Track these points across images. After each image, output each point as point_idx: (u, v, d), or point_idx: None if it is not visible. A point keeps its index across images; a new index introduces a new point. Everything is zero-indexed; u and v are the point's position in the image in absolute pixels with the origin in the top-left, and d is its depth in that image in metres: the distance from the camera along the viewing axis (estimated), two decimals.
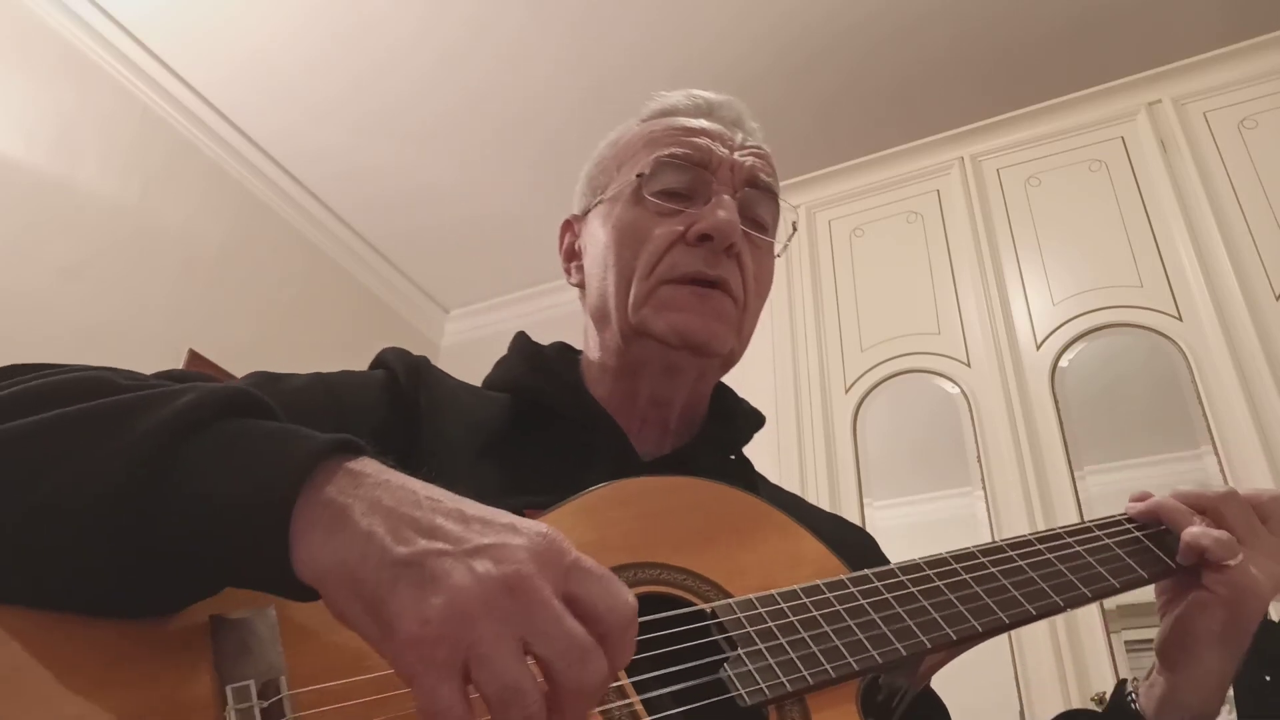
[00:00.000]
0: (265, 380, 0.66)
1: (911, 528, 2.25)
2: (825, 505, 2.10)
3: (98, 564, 0.41)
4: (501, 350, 0.85)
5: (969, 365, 2.20)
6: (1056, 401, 2.06)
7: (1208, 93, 2.25)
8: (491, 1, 2.62)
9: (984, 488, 2.03)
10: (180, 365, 2.73)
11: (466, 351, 3.63)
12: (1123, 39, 2.66)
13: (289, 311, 3.18)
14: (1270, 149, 2.11)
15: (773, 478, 0.89)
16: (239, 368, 2.75)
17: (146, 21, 2.72)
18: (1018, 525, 1.93)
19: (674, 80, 3.02)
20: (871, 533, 0.86)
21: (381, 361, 0.76)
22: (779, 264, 2.73)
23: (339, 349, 3.30)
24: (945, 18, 2.65)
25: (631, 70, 2.80)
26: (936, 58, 2.77)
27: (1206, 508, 0.71)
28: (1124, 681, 0.72)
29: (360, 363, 0.83)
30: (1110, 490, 2.01)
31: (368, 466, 0.43)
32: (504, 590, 0.38)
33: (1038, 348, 2.14)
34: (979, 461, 2.07)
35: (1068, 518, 1.91)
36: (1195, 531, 0.67)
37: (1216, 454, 1.85)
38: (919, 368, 2.27)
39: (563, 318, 3.62)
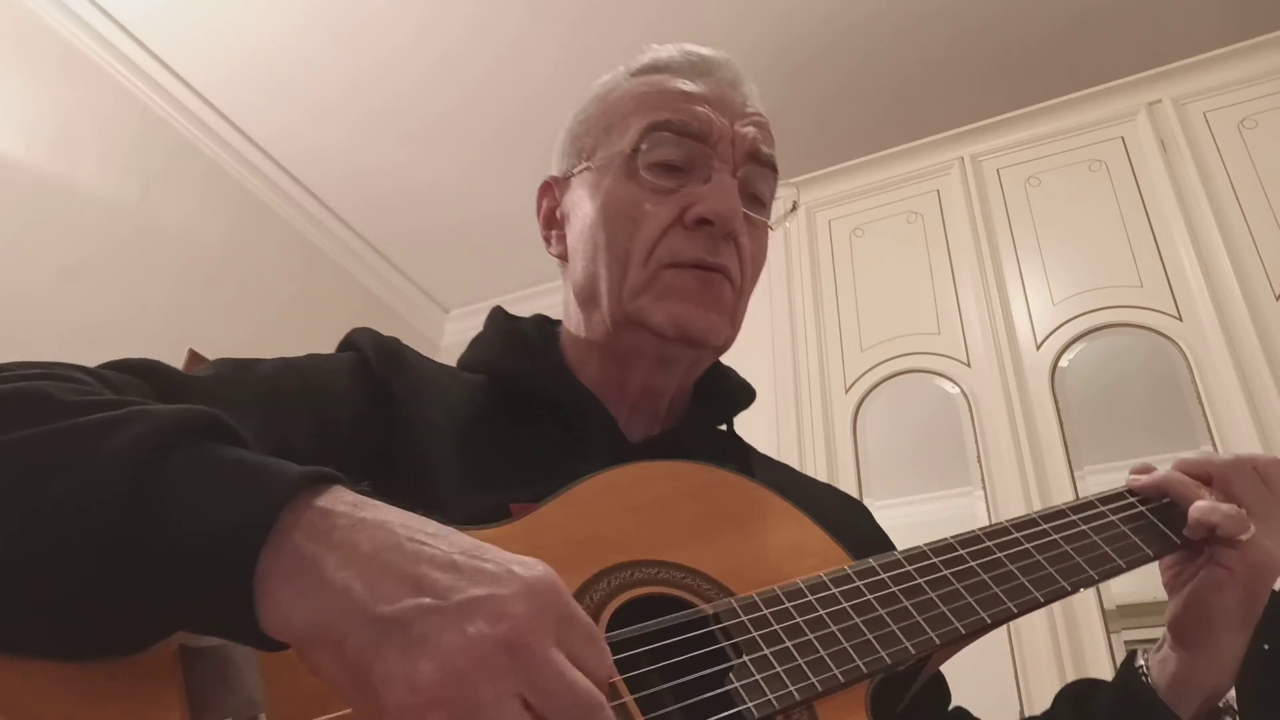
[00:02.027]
0: (234, 369, 0.63)
1: (911, 528, 2.23)
2: None
3: (52, 608, 0.38)
4: None
5: (969, 365, 2.20)
6: (1056, 401, 2.05)
7: (1208, 93, 2.24)
8: (491, 1, 2.62)
9: (984, 488, 2.03)
10: (180, 366, 2.73)
11: None
12: (1123, 39, 2.65)
13: (289, 311, 3.18)
14: (1270, 149, 2.11)
15: None
16: None
17: (146, 21, 2.72)
18: None
19: None
20: None
21: (351, 343, 0.72)
22: (779, 264, 2.73)
23: None
24: (945, 18, 2.65)
25: None
26: (936, 58, 2.77)
27: (1214, 476, 0.68)
28: (1134, 653, 0.68)
29: None
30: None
31: (339, 503, 0.39)
32: (501, 650, 0.35)
33: (1038, 348, 2.14)
34: (979, 461, 2.07)
35: None
36: (1204, 507, 0.64)
37: (1217, 454, 1.85)
38: (919, 368, 2.27)
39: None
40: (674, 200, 0.70)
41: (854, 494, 2.15)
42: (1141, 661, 0.67)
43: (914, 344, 2.29)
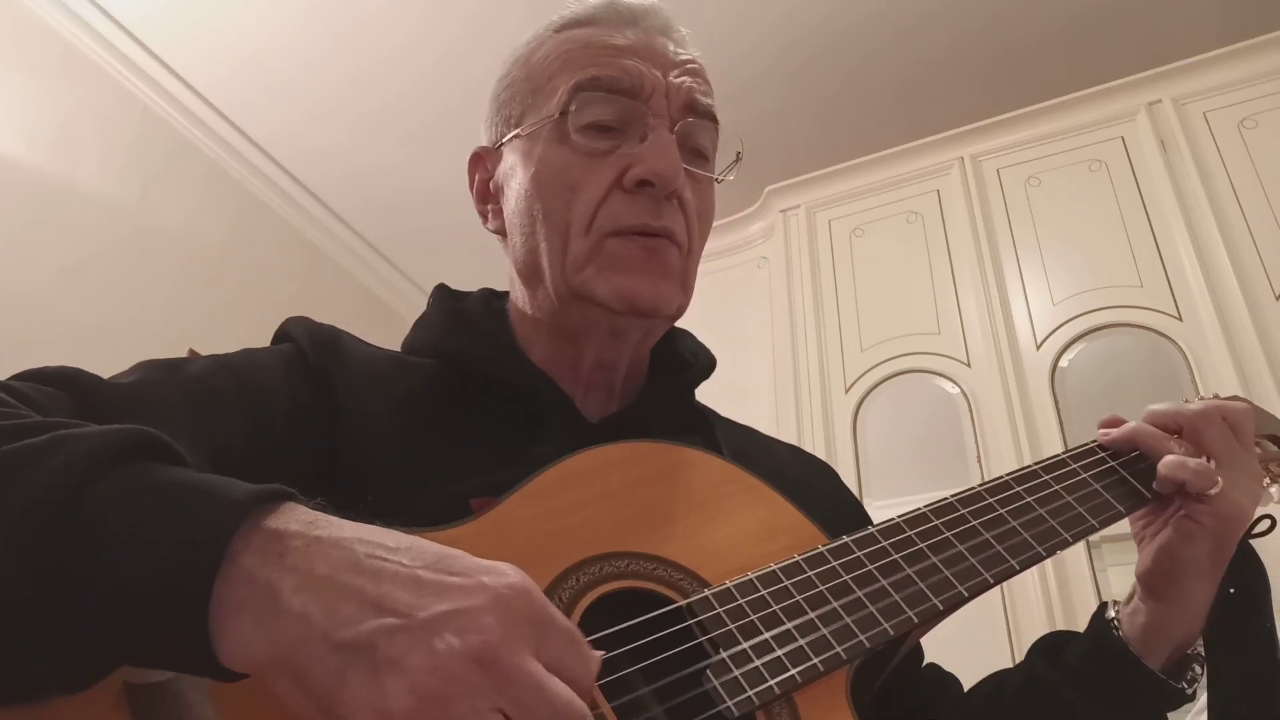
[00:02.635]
0: (161, 371, 0.59)
1: None
2: None
3: None
4: None
5: (969, 365, 2.20)
6: (1056, 401, 2.05)
7: (1208, 93, 2.25)
8: (491, 1, 2.62)
9: None
10: None
11: None
12: (1123, 39, 2.65)
13: (289, 312, 3.14)
14: (1270, 149, 2.11)
15: None
16: None
17: (146, 21, 2.72)
18: None
19: None
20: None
21: (285, 334, 0.68)
22: (779, 264, 2.73)
23: None
24: (945, 18, 2.65)
25: None
26: (936, 58, 2.77)
27: (1184, 426, 0.68)
28: (1104, 605, 0.68)
29: None
30: None
31: (292, 521, 0.37)
32: (473, 665, 0.33)
33: (1038, 348, 2.14)
34: (979, 461, 2.07)
35: None
36: (1173, 462, 0.64)
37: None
38: (919, 368, 2.27)
39: None
40: (610, 163, 0.66)
41: (854, 494, 2.15)
42: (1112, 614, 0.67)
43: (914, 344, 2.29)
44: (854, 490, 2.24)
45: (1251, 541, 0.66)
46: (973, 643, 0.63)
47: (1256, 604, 0.65)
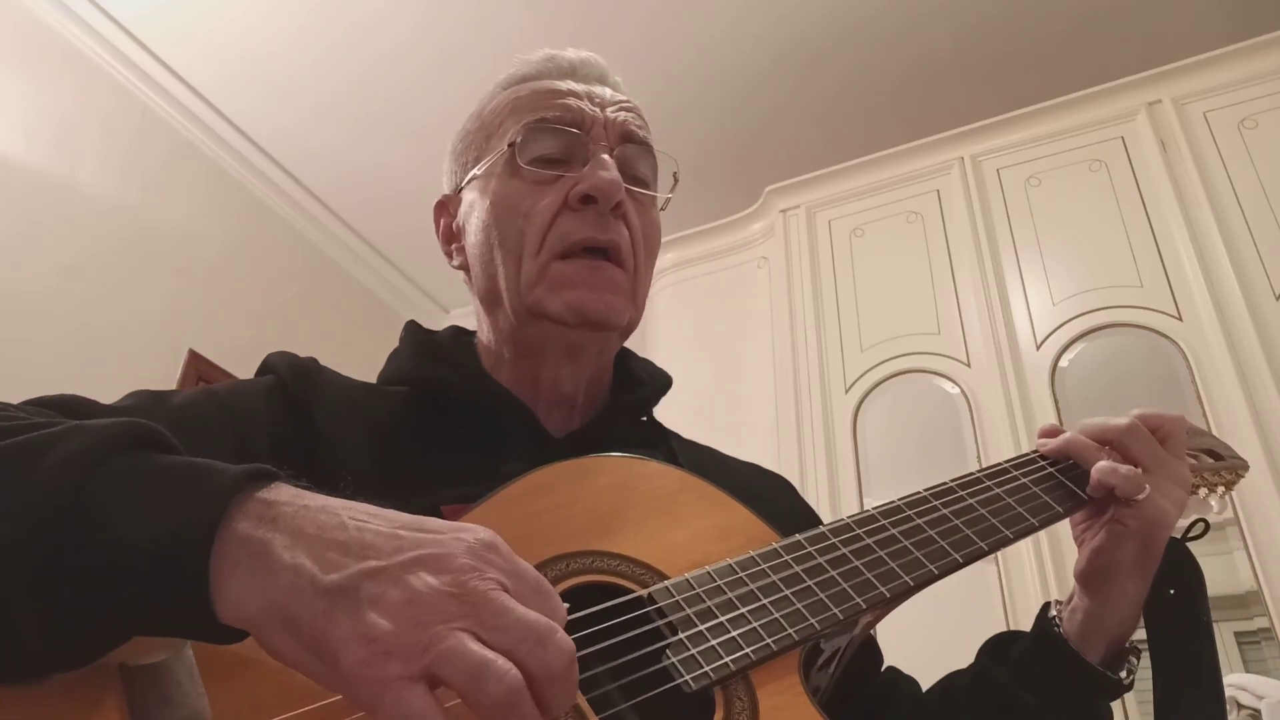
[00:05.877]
0: (151, 399, 0.64)
1: None
2: (825, 504, 2.11)
3: (3, 629, 0.38)
4: None
5: (969, 365, 2.20)
6: (1056, 401, 2.06)
7: (1208, 93, 2.25)
8: (491, 1, 2.62)
9: None
10: (180, 365, 2.73)
11: None
12: (1123, 39, 2.66)
13: (289, 311, 3.18)
14: (1270, 149, 2.11)
15: None
16: (239, 368, 2.74)
17: (146, 21, 2.72)
18: None
19: (673, 80, 3.00)
20: None
21: (268, 367, 0.73)
22: (779, 265, 2.73)
23: (339, 349, 3.30)
24: (945, 18, 2.66)
25: (632, 71, 2.79)
26: (936, 58, 2.77)
27: (1112, 440, 0.72)
28: (1047, 605, 0.73)
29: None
30: None
31: (282, 494, 0.41)
32: (448, 597, 0.36)
33: (1038, 348, 2.14)
34: (979, 461, 2.07)
35: None
36: (1104, 468, 0.68)
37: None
38: (919, 368, 2.27)
39: None
40: (557, 187, 0.72)
41: (854, 494, 2.15)
42: (1054, 613, 0.71)
43: (914, 344, 2.30)
44: (854, 491, 2.24)
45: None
46: (964, 636, 0.66)
47: (1194, 601, 0.70)
